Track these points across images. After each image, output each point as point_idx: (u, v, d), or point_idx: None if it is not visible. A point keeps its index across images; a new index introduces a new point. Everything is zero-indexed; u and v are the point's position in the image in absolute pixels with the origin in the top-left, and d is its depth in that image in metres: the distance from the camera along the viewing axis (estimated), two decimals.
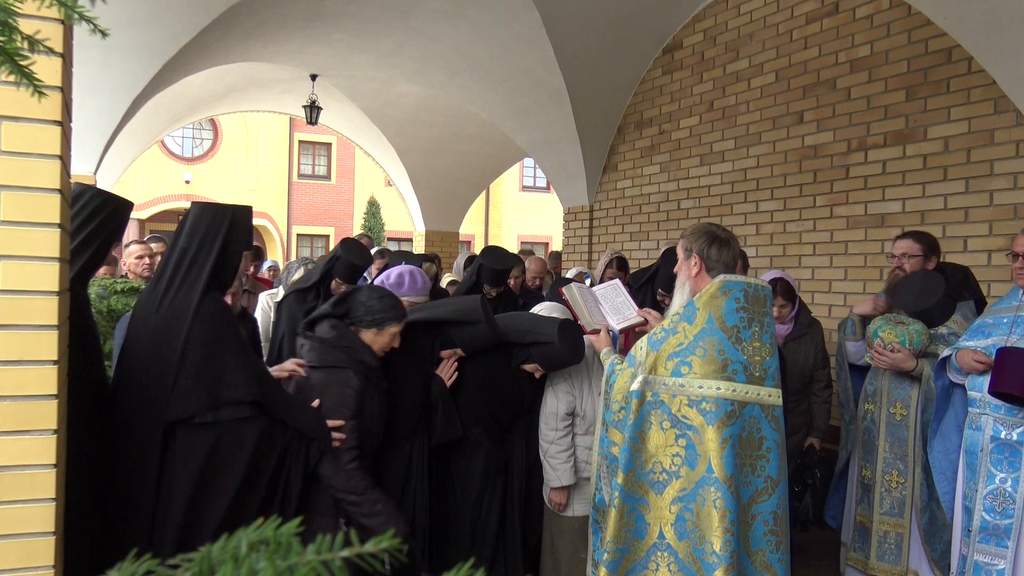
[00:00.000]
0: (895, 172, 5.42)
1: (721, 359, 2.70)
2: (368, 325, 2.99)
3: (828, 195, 5.91)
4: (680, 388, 2.73)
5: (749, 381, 2.73)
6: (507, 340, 3.36)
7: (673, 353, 2.75)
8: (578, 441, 3.42)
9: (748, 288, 2.80)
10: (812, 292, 5.92)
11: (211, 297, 2.41)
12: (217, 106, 11.41)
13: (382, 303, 3.01)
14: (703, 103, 7.19)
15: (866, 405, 3.96)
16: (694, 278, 2.90)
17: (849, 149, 5.74)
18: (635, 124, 8.13)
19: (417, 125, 11.37)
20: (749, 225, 6.62)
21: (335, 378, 2.83)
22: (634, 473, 2.77)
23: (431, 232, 13.25)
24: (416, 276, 3.98)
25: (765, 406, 2.76)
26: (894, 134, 5.43)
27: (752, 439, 2.73)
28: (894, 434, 3.82)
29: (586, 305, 3.26)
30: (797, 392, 4.36)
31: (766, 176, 6.46)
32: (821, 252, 5.97)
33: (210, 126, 23.09)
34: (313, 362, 2.89)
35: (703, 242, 2.89)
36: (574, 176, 8.71)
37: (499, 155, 12.44)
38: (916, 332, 3.71)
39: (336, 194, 25.16)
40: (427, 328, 3.38)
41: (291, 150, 24.33)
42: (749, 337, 2.75)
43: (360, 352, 2.91)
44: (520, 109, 8.50)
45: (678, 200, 7.49)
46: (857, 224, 5.68)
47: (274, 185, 24.06)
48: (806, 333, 4.41)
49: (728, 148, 6.89)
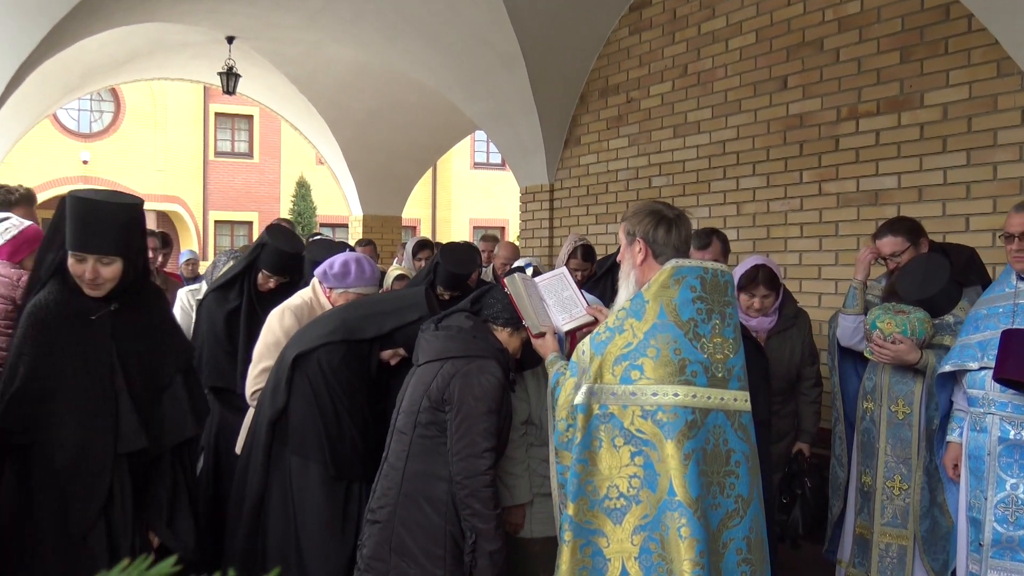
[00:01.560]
0: (889, 143, 5.47)
1: (677, 360, 2.63)
2: (505, 324, 3.17)
3: (816, 170, 5.95)
4: (631, 397, 2.64)
5: (711, 384, 2.66)
6: (367, 337, 3.46)
7: (621, 356, 2.67)
8: (534, 453, 3.38)
9: (705, 274, 2.73)
10: (799, 279, 5.98)
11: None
12: (118, 74, 11.24)
13: None
14: (676, 67, 7.21)
15: (864, 404, 4.01)
16: (640, 266, 2.84)
17: (838, 118, 5.79)
18: (599, 92, 8.13)
19: (351, 94, 11.28)
20: (729, 204, 6.66)
21: (478, 366, 3.00)
22: (585, 501, 2.68)
23: (370, 217, 13.18)
24: (363, 265, 3.98)
25: (730, 412, 2.70)
26: (888, 101, 5.47)
27: (718, 452, 2.66)
28: (896, 435, 3.86)
29: (531, 301, 3.17)
30: (783, 392, 4.38)
31: (747, 149, 6.51)
32: (809, 234, 6.01)
33: (111, 97, 22.71)
34: (449, 352, 3.06)
35: (648, 223, 2.83)
36: (531, 151, 8.69)
37: (446, 128, 12.39)
38: (919, 320, 3.75)
39: (259, 174, 24.94)
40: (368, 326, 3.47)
41: (206, 124, 24.04)
42: (709, 332, 2.69)
43: (499, 344, 3.12)
44: (469, 75, 8.45)
45: (649, 177, 7.51)
46: (848, 202, 5.74)
47: (187, 164, 23.77)
48: (792, 326, 4.42)
49: (704, 118, 6.92)
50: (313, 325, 3.60)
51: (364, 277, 3.95)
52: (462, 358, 3.04)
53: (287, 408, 3.46)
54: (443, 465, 3.01)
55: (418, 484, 3.03)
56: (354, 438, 3.44)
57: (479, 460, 2.94)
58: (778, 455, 4.32)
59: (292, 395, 3.46)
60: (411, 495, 3.03)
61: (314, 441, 3.41)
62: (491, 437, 2.96)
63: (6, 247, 3.26)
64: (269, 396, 3.54)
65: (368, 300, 3.75)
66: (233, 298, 4.31)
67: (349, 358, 3.45)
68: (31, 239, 3.32)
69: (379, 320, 3.50)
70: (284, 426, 3.47)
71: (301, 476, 3.42)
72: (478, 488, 2.93)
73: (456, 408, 2.99)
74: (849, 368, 4.23)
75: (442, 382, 3.03)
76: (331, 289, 3.95)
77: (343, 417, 3.43)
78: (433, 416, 3.05)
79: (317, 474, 3.40)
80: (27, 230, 3.32)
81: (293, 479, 3.42)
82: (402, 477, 3.06)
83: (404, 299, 3.62)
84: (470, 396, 2.97)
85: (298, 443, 3.44)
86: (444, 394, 3.02)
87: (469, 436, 2.95)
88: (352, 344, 3.46)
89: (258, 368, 3.82)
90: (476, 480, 2.93)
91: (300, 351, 3.46)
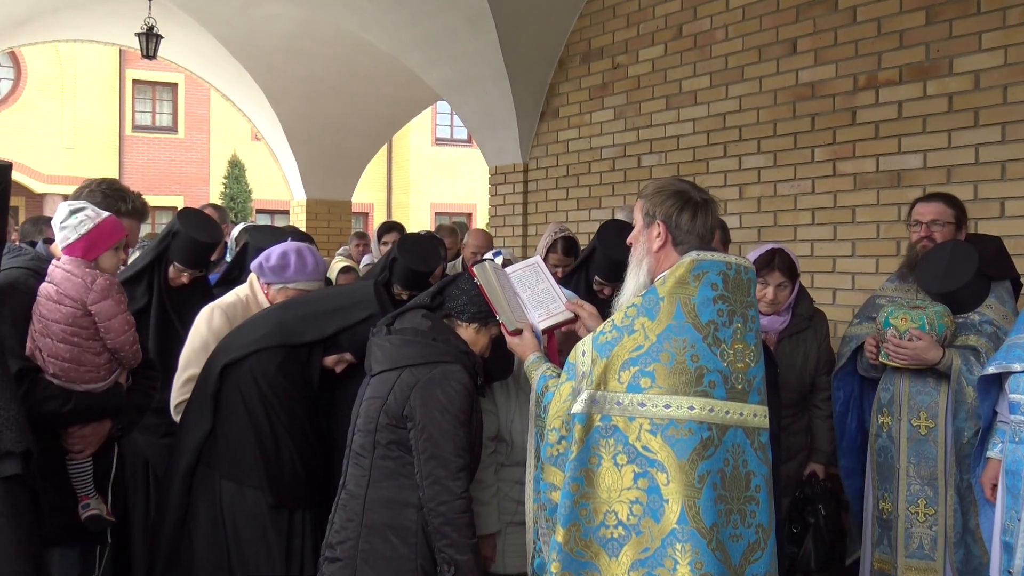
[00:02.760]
0: (914, 116, 5.45)
1: (694, 367, 2.62)
2: (471, 318, 3.14)
3: (830, 147, 5.92)
4: (639, 408, 2.63)
5: (730, 397, 2.66)
6: (307, 341, 3.44)
7: (630, 360, 2.66)
8: (505, 474, 3.36)
9: (728, 270, 2.73)
10: (811, 273, 5.95)
11: None
12: (18, 35, 11.15)
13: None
14: (668, 28, 7.18)
15: (881, 418, 4.01)
16: (656, 253, 2.83)
17: (855, 87, 5.77)
18: (581, 56, 8.11)
19: (293, 59, 11.20)
20: (730, 187, 6.63)
21: (441, 373, 2.99)
22: (578, 527, 2.67)
23: (314, 202, 13.15)
24: (305, 256, 3.95)
25: (750, 430, 2.70)
26: (912, 67, 5.45)
27: (738, 475, 2.66)
28: (919, 452, 3.86)
29: (504, 293, 3.15)
30: (794, 405, 4.38)
31: (751, 123, 6.48)
32: (822, 220, 5.98)
33: (10, 62, 22.51)
34: (405, 360, 3.03)
35: (671, 205, 2.81)
36: (502, 125, 8.64)
37: (403, 99, 12.37)
38: (937, 314, 3.76)
39: (185, 152, 24.83)
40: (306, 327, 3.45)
41: (122, 93, 23.91)
42: (730, 337, 2.69)
43: (462, 345, 3.09)
44: (430, 37, 8.41)
45: (638, 155, 7.47)
46: (867, 184, 5.72)
47: (100, 140, 23.59)
48: (806, 327, 4.42)
49: (702, 87, 6.88)
50: (244, 328, 3.58)
51: (306, 270, 3.92)
52: (421, 365, 3.02)
53: (215, 426, 3.42)
54: (410, 489, 2.99)
55: (382, 513, 3.00)
56: (294, 459, 3.41)
57: (452, 482, 2.91)
58: (787, 476, 4.31)
59: (221, 411, 3.42)
60: (375, 526, 3.00)
61: (249, 464, 3.39)
62: (463, 454, 2.94)
63: (80, 242, 3.16)
64: (194, 412, 3.49)
65: (308, 298, 3.74)
66: (140, 296, 4.19)
67: (287, 366, 3.41)
68: (109, 233, 3.23)
69: (321, 321, 3.46)
70: (213, 446, 3.42)
71: (235, 504, 3.38)
72: (453, 514, 2.91)
73: (420, 425, 2.95)
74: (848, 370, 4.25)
75: (400, 395, 3.00)
76: (269, 285, 3.94)
77: (281, 435, 3.39)
78: (394, 434, 3.02)
79: (254, 502, 3.36)
80: (104, 223, 3.22)
81: (224, 508, 3.38)
82: (363, 506, 3.02)
83: (350, 295, 3.60)
84: (435, 409, 2.94)
85: (229, 466, 3.41)
86: (404, 409, 2.99)
87: (439, 456, 2.93)
88: (290, 349, 3.42)
89: (184, 376, 3.78)
90: (450, 505, 2.91)
91: (229, 359, 3.43)
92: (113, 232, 3.23)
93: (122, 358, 3.23)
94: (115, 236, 3.22)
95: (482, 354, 3.19)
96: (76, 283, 3.11)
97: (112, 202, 3.40)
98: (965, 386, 3.71)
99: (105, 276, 3.17)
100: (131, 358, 3.26)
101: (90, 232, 3.16)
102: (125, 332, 3.18)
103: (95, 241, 3.18)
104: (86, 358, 3.12)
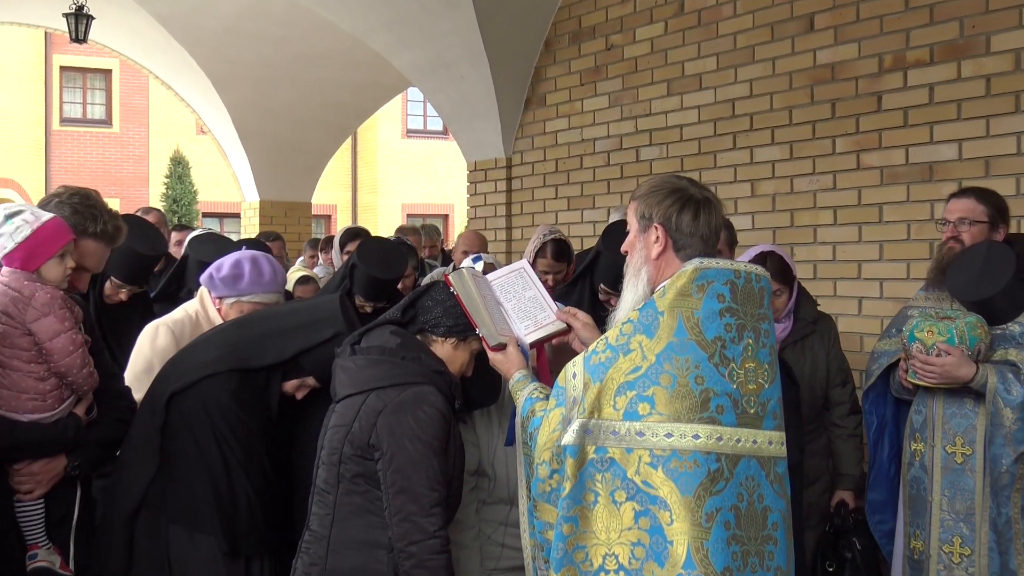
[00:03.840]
0: (947, 102, 5.46)
1: (699, 390, 2.62)
2: (447, 333, 3.11)
3: (853, 136, 5.93)
4: (638, 438, 2.62)
5: (741, 423, 2.65)
6: (264, 364, 3.44)
7: (626, 383, 2.65)
8: (488, 513, 3.33)
9: (736, 278, 2.72)
10: (833, 280, 5.99)
11: None
12: None
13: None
14: (669, 3, 7.18)
15: (913, 444, 4.00)
16: (655, 261, 2.84)
17: (881, 69, 5.78)
18: (570, 36, 8.11)
19: (242, 41, 11.18)
20: (740, 183, 6.63)
21: (412, 396, 2.96)
22: (574, 572, 2.67)
23: (269, 204, 13.15)
24: (261, 265, 4.00)
25: (764, 460, 2.70)
26: (944, 47, 5.46)
27: (753, 512, 2.65)
28: (953, 484, 3.85)
29: (485, 303, 3.13)
30: (808, 422, 4.38)
31: (763, 111, 6.48)
32: (845, 220, 5.98)
33: None
34: (371, 382, 3.00)
35: (669, 205, 2.81)
36: (482, 114, 8.63)
37: (369, 86, 12.38)
38: (969, 325, 3.75)
39: (121, 147, 24.85)
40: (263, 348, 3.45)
41: (48, 82, 23.94)
42: (740, 355, 2.69)
43: (436, 364, 3.08)
44: (399, 15, 8.42)
45: (636, 148, 7.47)
46: (895, 178, 5.72)
47: (23, 135, 23.55)
48: (811, 333, 4.44)
49: (708, 70, 6.88)
50: (192, 350, 3.56)
51: (262, 281, 3.93)
52: (390, 387, 3.00)
53: (161, 463, 3.38)
54: (380, 528, 2.97)
55: (349, 556, 2.98)
56: (251, 500, 3.38)
57: (425, 520, 2.89)
58: (809, 505, 4.31)
59: (167, 445, 3.38)
60: (341, 571, 2.98)
61: (200, 506, 3.35)
62: (438, 487, 2.92)
63: (18, 252, 3.12)
64: (137, 447, 3.46)
65: (265, 314, 3.72)
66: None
67: (242, 393, 3.39)
68: (51, 238, 3.16)
69: (280, 341, 3.45)
70: (158, 487, 3.39)
71: (185, 553, 3.33)
72: (426, 555, 2.88)
73: (388, 455, 2.93)
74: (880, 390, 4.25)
75: (366, 422, 2.98)
76: (221, 299, 3.91)
77: (236, 473, 3.36)
78: (360, 467, 3.00)
79: (206, 550, 3.32)
80: (44, 228, 3.15)
81: (173, 558, 3.33)
82: (327, 549, 3.00)
83: (312, 312, 3.57)
84: (404, 437, 2.92)
85: (178, 509, 3.37)
86: (370, 437, 2.97)
87: (409, 490, 2.91)
88: (245, 374, 3.41)
89: None
90: (423, 546, 2.88)
91: (177, 386, 3.40)
92: (56, 237, 3.18)
93: (72, 383, 3.19)
94: (58, 242, 3.17)
95: (462, 373, 3.18)
96: (13, 297, 3.07)
97: (79, 220, 3.34)
98: (1002, 407, 3.69)
99: (47, 289, 3.13)
100: (83, 383, 3.23)
101: (28, 239, 3.12)
102: (71, 353, 3.14)
103: (35, 249, 3.14)
104: (27, 383, 3.09)
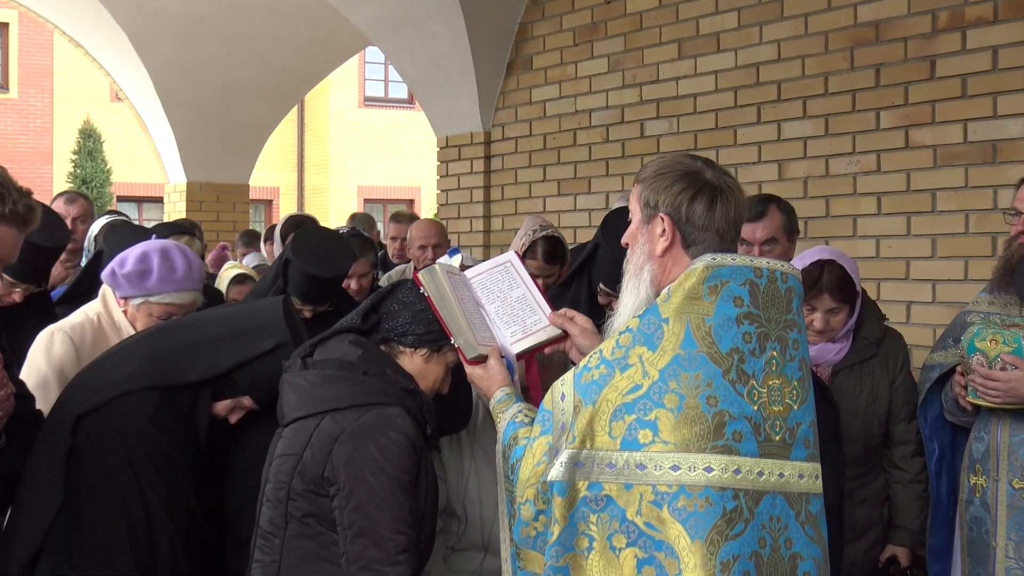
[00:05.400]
0: (1014, 68, 5.50)
1: (712, 413, 2.61)
2: (417, 343, 3.12)
3: (900, 109, 5.97)
4: (638, 472, 2.61)
5: (764, 452, 2.64)
6: (191, 380, 3.45)
7: (624, 405, 2.65)
8: (458, 562, 3.42)
9: (757, 277, 2.73)
10: (877, 280, 5.98)
11: None
12: None
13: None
14: None
15: (973, 478, 3.98)
16: (659, 258, 2.85)
17: (934, 29, 5.83)
18: None
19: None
20: (766, 164, 6.67)
21: (374, 419, 2.96)
22: None
23: (197, 186, 13.35)
24: (173, 258, 3.99)
25: (794, 496, 2.68)
26: (1011, 2, 5.49)
27: (778, 560, 2.63)
28: (1020, 524, 3.85)
29: (462, 306, 3.12)
30: (860, 462, 4.31)
31: (793, 77, 6.53)
32: (891, 209, 6.04)
33: None
34: (327, 403, 2.99)
35: (679, 191, 2.80)
36: (455, 80, 8.75)
37: (319, 45, 12.59)
38: None
39: (19, 117, 25.66)
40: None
41: None
42: (761, 369, 2.68)
43: (405, 380, 3.06)
44: None
45: (640, 121, 7.53)
46: (952, 159, 5.76)
47: None
48: (874, 356, 4.36)
49: (727, 28, 6.95)
50: (103, 364, 3.50)
51: (174, 278, 3.95)
52: (348, 409, 2.99)
53: (66, 499, 3.31)
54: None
55: None
56: (173, 543, 3.36)
57: (390, 569, 2.89)
58: (852, 562, 4.26)
59: (74, 477, 3.33)
60: None
61: (112, 550, 3.32)
62: (406, 529, 2.92)
63: None
64: (36, 479, 3.40)
65: (192, 321, 3.72)
66: None
67: (163, 415, 3.38)
68: None
69: (209, 352, 3.46)
70: (63, 526, 3.32)
71: None
72: None
73: (346, 490, 2.92)
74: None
75: (320, 450, 2.95)
76: (125, 299, 3.87)
77: (156, 510, 3.34)
78: (312, 504, 2.99)
79: None
80: None
81: None
82: None
83: (249, 317, 3.59)
84: (365, 469, 2.91)
85: (86, 553, 3.33)
86: (324, 469, 2.95)
87: (371, 532, 2.90)
88: (167, 392, 3.39)
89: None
90: None
91: (85, 407, 3.35)
92: None
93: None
94: None
95: (436, 390, 3.18)
96: None
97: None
98: None
99: None
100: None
101: None
102: None
103: None
104: None
